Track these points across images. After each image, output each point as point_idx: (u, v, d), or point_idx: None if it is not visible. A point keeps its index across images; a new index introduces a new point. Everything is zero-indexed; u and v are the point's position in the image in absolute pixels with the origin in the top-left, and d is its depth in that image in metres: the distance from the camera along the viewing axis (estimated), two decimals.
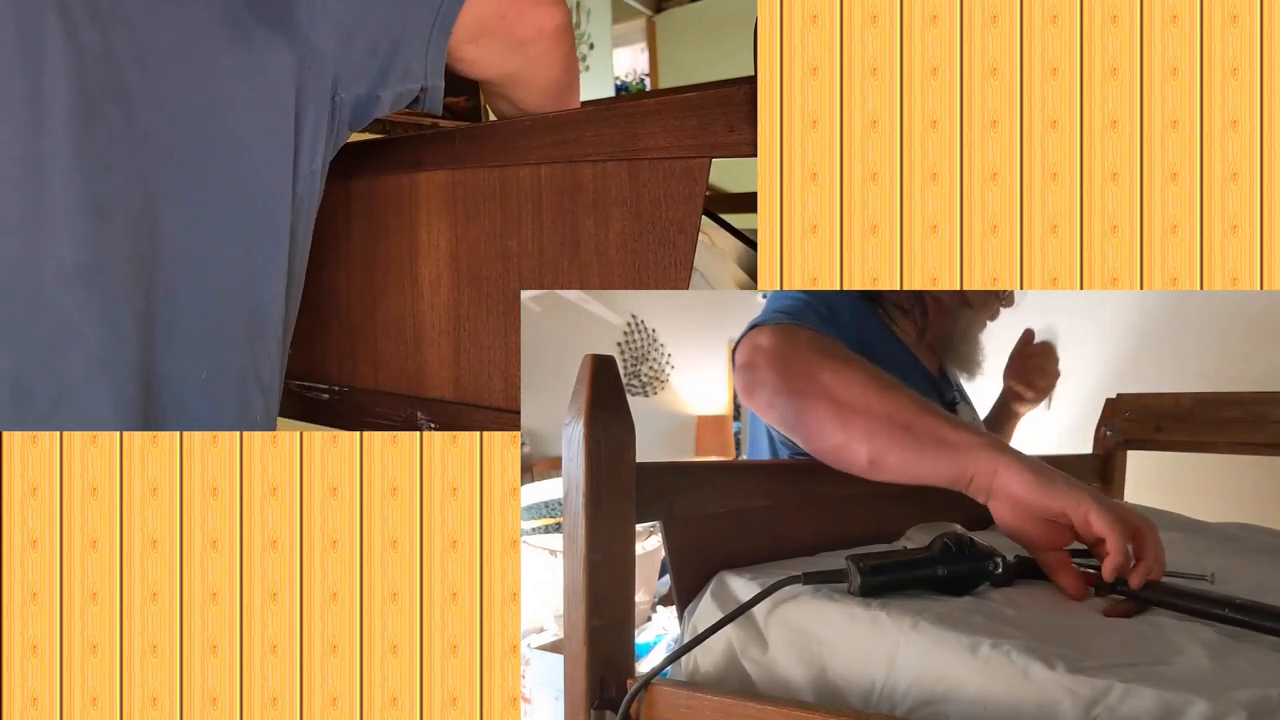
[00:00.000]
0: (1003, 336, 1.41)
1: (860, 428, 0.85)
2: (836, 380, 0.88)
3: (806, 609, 0.70)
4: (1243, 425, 1.35)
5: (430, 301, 1.08)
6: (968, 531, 0.79)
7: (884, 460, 0.84)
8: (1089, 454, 1.51)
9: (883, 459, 0.84)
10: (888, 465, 0.84)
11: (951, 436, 0.82)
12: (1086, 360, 2.32)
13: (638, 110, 0.87)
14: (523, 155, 0.97)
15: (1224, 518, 1.32)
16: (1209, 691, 0.53)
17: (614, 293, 3.73)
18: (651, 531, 2.17)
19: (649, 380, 4.33)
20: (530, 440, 3.43)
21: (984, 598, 0.74)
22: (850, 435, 0.85)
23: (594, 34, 3.96)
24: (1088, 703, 0.55)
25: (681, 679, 0.73)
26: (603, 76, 4.08)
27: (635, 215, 0.88)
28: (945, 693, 0.61)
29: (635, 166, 0.87)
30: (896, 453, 0.83)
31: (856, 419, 0.85)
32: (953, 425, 0.83)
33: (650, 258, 0.87)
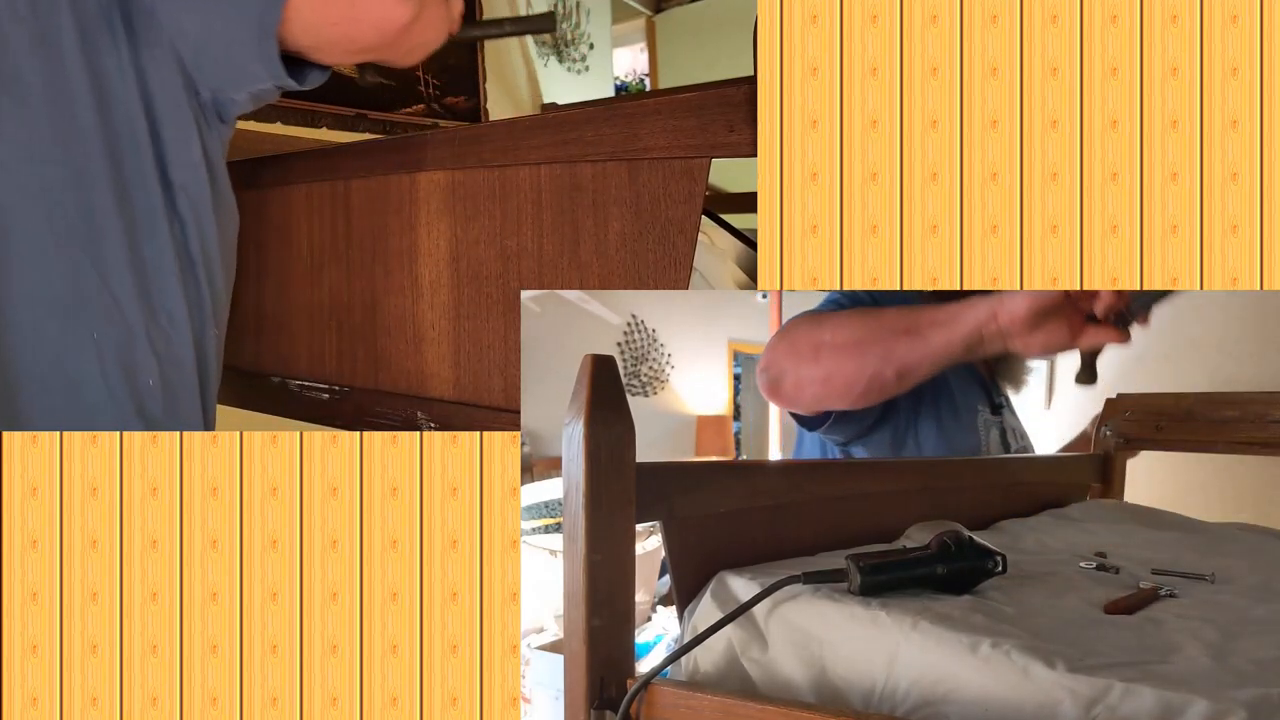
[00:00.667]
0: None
1: (874, 355, 0.96)
2: (835, 332, 0.99)
3: (806, 609, 0.70)
4: (1243, 425, 1.35)
5: (430, 301, 1.08)
6: (967, 530, 0.79)
7: (909, 367, 0.96)
8: (1089, 454, 1.51)
9: (907, 367, 0.96)
10: (914, 370, 0.96)
11: (944, 315, 0.93)
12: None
13: (638, 110, 0.87)
14: (523, 155, 0.97)
15: (1224, 518, 1.32)
16: (1209, 691, 0.53)
17: (614, 293, 3.73)
18: (651, 531, 2.17)
19: (649, 380, 4.33)
20: (530, 440, 3.43)
21: (984, 596, 0.74)
22: (872, 366, 0.96)
23: (594, 34, 3.96)
24: (1088, 702, 0.55)
25: (681, 679, 0.73)
26: (603, 76, 4.08)
27: (635, 215, 0.88)
28: (946, 692, 0.61)
29: (635, 166, 0.87)
30: (913, 355, 0.95)
31: (867, 350, 0.96)
32: (940, 306, 0.94)
33: (650, 257, 0.87)
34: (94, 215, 0.94)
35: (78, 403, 0.92)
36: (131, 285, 0.95)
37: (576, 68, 3.89)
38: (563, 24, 3.82)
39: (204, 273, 1.02)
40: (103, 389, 0.93)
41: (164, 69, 0.95)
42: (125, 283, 0.95)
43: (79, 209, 0.93)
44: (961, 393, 1.27)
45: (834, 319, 1.02)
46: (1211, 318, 2.15)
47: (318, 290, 1.21)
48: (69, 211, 0.92)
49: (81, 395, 0.92)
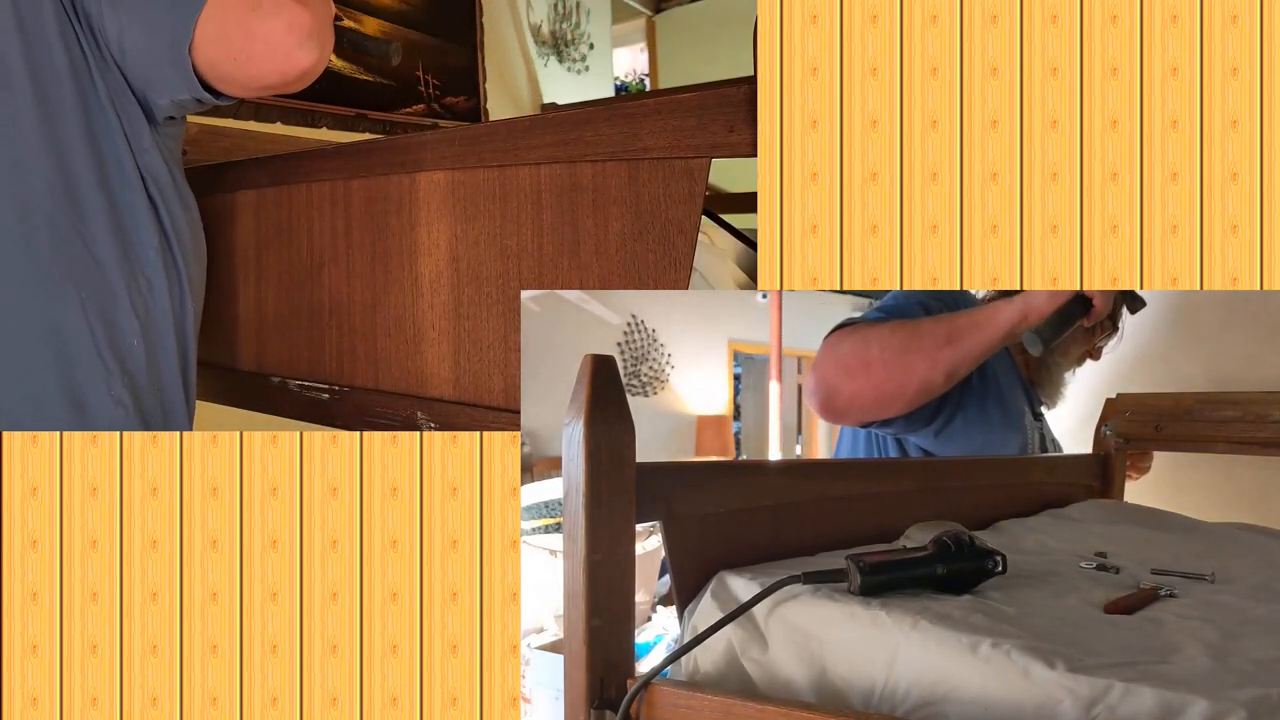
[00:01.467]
0: (1083, 385, 1.49)
1: (922, 363, 1.07)
2: (883, 347, 1.09)
3: (806, 609, 0.70)
4: (1243, 425, 1.35)
5: (430, 301, 1.08)
6: (967, 530, 0.79)
7: (955, 368, 1.08)
8: (1089, 454, 1.51)
9: (953, 368, 1.08)
10: (959, 370, 1.09)
11: (980, 317, 1.08)
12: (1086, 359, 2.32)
13: (638, 110, 0.87)
14: (523, 155, 0.97)
15: (1224, 518, 1.32)
16: (1209, 691, 0.53)
17: (614, 293, 3.73)
18: (651, 531, 2.17)
19: (649, 380, 4.33)
20: (530, 440, 3.43)
21: (984, 596, 0.74)
22: (920, 373, 1.08)
23: (594, 34, 3.96)
24: (1088, 702, 0.55)
25: (681, 679, 0.73)
26: (603, 76, 4.08)
27: (635, 215, 0.88)
28: (946, 692, 0.61)
29: (635, 166, 0.87)
30: (957, 358, 1.07)
31: (915, 360, 1.08)
32: (974, 310, 1.09)
33: (650, 258, 0.87)
34: (79, 187, 1.00)
35: (64, 356, 0.99)
36: (114, 249, 1.02)
37: (576, 68, 3.89)
38: (562, 24, 3.82)
39: (179, 250, 1.09)
40: (89, 343, 1.00)
41: (112, 65, 1.02)
42: (109, 247, 1.02)
43: (63, 181, 0.99)
44: (1010, 395, 1.34)
45: (877, 334, 1.12)
46: (1211, 318, 2.15)
47: (318, 290, 1.21)
48: (54, 185, 0.99)
49: (68, 348, 0.99)
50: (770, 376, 4.31)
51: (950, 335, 1.07)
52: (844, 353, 1.12)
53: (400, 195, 1.10)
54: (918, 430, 1.23)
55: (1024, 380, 1.40)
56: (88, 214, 1.01)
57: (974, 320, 1.07)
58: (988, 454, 1.26)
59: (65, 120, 1.00)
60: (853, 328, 1.14)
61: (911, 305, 1.19)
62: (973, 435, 1.24)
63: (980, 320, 1.07)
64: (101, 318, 1.00)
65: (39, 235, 0.98)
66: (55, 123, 0.99)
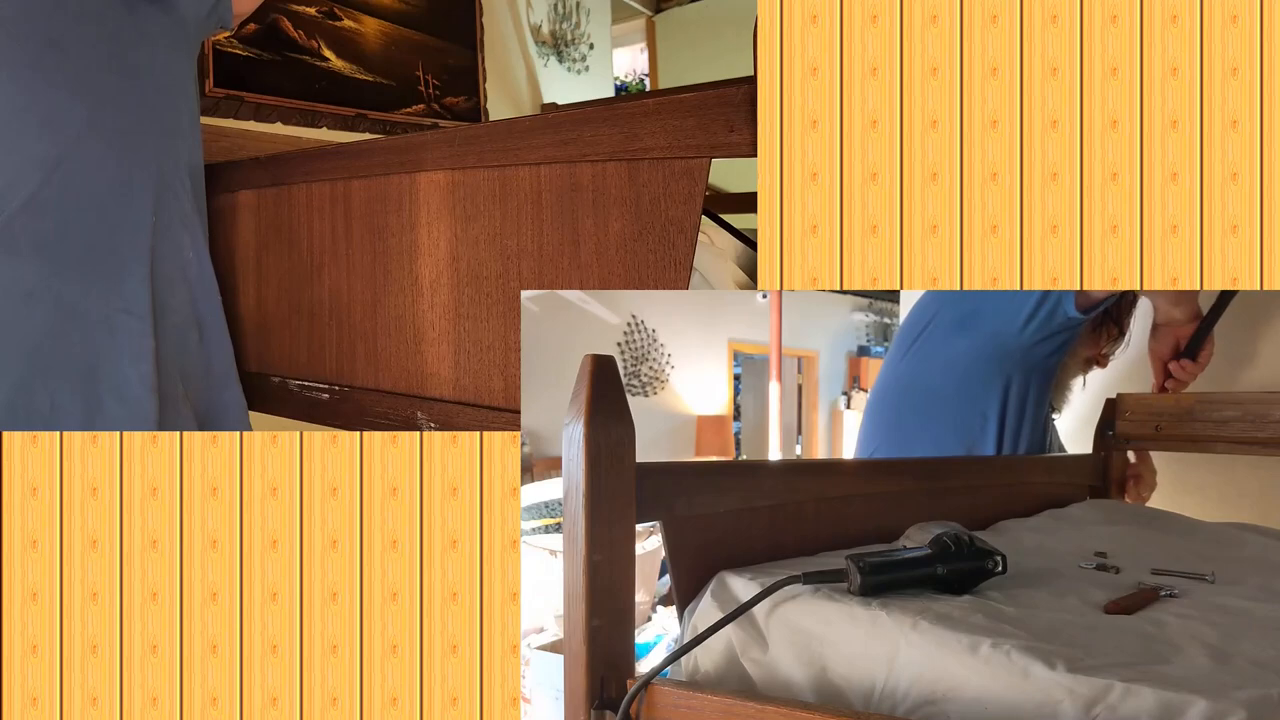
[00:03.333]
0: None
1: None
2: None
3: (806, 609, 0.70)
4: (1243, 425, 1.35)
5: (430, 301, 1.08)
6: (967, 530, 0.79)
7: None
8: (1089, 454, 1.51)
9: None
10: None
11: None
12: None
13: (638, 110, 0.87)
14: (523, 155, 0.97)
15: (1224, 518, 1.32)
16: (1209, 691, 0.53)
17: (614, 293, 3.73)
18: (651, 531, 2.17)
19: (649, 380, 4.33)
20: (530, 440, 3.43)
21: (984, 596, 0.74)
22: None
23: (594, 34, 3.95)
24: (1088, 702, 0.55)
25: (681, 679, 0.73)
26: (603, 76, 4.08)
27: (635, 215, 0.88)
28: (946, 692, 0.61)
29: (635, 166, 0.87)
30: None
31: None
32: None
33: (650, 257, 0.87)
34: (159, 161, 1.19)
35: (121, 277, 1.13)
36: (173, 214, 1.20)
37: (576, 68, 3.89)
38: (562, 24, 3.82)
39: (200, 230, 1.25)
40: (143, 273, 1.14)
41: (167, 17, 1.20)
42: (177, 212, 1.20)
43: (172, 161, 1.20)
44: (1045, 392, 1.41)
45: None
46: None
47: (318, 290, 1.21)
48: (146, 155, 1.17)
49: (125, 276, 1.13)
50: (770, 376, 4.31)
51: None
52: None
53: (400, 195, 1.10)
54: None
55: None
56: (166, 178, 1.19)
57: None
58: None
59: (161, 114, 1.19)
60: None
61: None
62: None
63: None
64: (155, 253, 1.16)
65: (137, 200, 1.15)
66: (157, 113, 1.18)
